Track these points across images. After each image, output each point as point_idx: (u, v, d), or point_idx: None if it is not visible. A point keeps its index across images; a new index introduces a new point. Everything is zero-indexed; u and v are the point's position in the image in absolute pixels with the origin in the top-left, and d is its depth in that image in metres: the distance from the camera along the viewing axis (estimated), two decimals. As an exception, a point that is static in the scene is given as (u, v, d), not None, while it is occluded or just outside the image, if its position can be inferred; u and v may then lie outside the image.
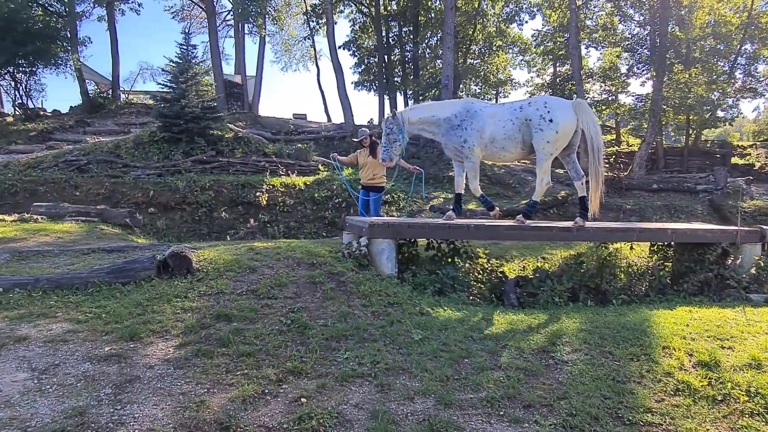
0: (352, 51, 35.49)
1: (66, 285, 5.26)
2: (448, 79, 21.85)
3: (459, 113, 7.09)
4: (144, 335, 4.33)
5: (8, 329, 4.35)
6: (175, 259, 5.58)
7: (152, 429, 3.07)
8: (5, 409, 3.20)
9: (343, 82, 26.62)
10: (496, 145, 7.02)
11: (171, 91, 17.64)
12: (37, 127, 23.18)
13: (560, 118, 6.70)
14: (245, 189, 14.71)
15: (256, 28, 30.39)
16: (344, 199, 14.85)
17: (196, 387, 3.61)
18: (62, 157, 15.96)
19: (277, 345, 4.28)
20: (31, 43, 23.71)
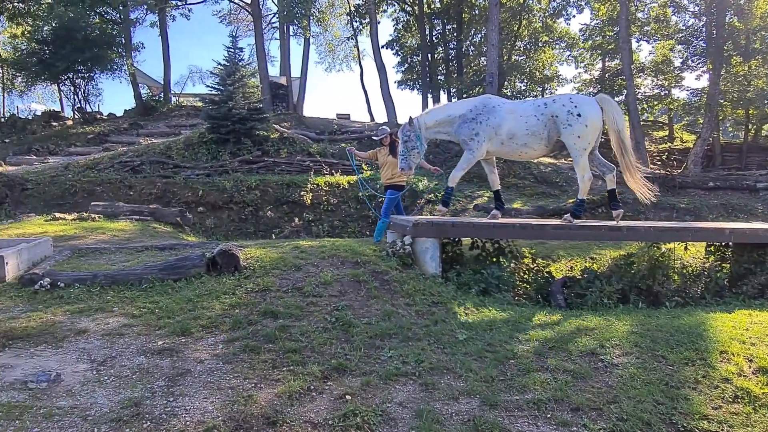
0: (395, 50, 35.48)
1: (122, 281, 5.47)
2: (493, 76, 21.56)
3: (475, 107, 7.06)
4: (194, 330, 4.46)
5: (69, 322, 4.56)
6: (223, 257, 5.73)
7: (203, 422, 3.16)
8: (67, 398, 3.36)
9: (386, 81, 26.68)
10: (516, 141, 6.92)
11: (219, 93, 18.09)
12: (94, 130, 24.24)
13: (588, 113, 6.70)
14: (290, 188, 14.94)
15: (301, 29, 30.78)
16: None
17: (243, 382, 3.69)
18: (117, 159, 16.63)
19: (322, 342, 4.33)
20: (89, 50, 24.76)
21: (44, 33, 26.11)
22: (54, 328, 4.45)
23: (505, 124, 6.87)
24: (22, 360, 3.88)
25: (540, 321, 5.15)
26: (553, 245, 8.99)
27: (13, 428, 2.96)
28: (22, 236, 7.93)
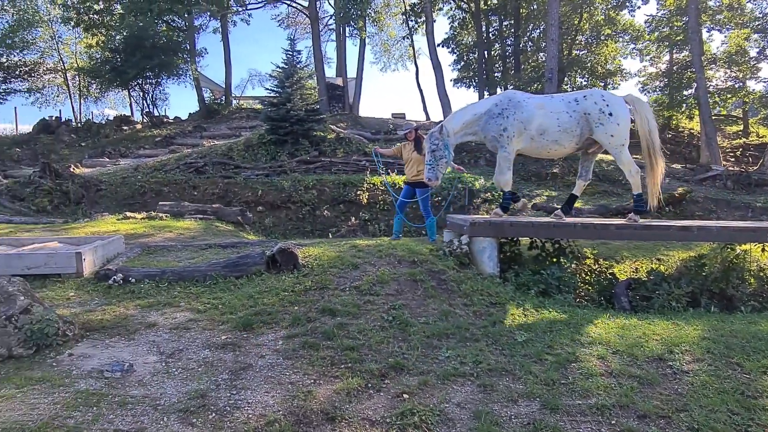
0: (451, 48, 35.26)
1: (187, 277, 5.70)
2: (552, 72, 21.03)
3: (500, 102, 6.88)
4: (255, 326, 4.59)
5: (140, 316, 4.80)
6: (282, 255, 5.86)
7: (264, 415, 3.25)
8: (139, 388, 3.53)
9: (442, 79, 26.53)
10: (547, 137, 6.74)
11: (277, 95, 18.54)
12: (161, 133, 25.40)
13: (619, 112, 6.62)
14: (346, 188, 15.11)
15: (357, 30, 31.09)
16: (444, 197, 14.79)
17: (303, 377, 3.76)
18: (182, 160, 17.35)
19: (379, 341, 4.36)
20: (156, 56, 25.97)
21: (116, 42, 27.58)
22: (126, 321, 4.69)
23: (535, 119, 6.70)
24: (98, 350, 4.12)
25: (603, 324, 4.98)
26: (616, 245, 8.67)
27: (91, 414, 3.15)
28: (96, 234, 8.40)
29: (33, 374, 3.67)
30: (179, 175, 16.15)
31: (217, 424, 3.13)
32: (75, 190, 14.18)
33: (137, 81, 27.93)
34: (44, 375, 3.65)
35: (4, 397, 3.33)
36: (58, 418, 3.08)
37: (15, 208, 12.93)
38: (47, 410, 3.17)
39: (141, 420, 3.13)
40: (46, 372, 3.72)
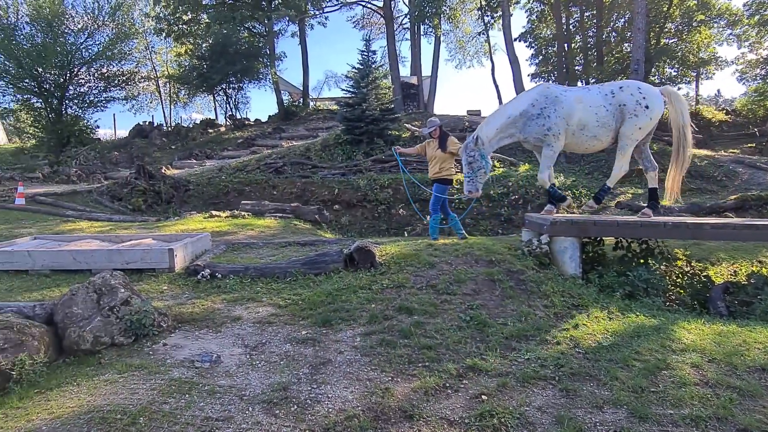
0: (529, 42, 34.31)
1: (269, 274, 5.92)
2: (639, 63, 19.95)
3: (537, 101, 6.64)
4: (334, 322, 4.68)
5: (226, 310, 5.04)
6: (360, 253, 5.95)
7: (344, 410, 3.30)
8: (226, 378, 3.71)
9: (519, 74, 25.90)
10: (586, 132, 6.58)
11: (353, 96, 18.85)
12: (243, 135, 26.55)
13: (655, 105, 6.43)
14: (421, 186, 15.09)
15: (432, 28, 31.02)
16: (521, 195, 14.45)
17: (381, 374, 3.79)
18: (263, 161, 18.04)
19: (456, 340, 4.32)
20: (239, 62, 27.19)
21: (203, 50, 29.16)
22: (214, 314, 4.93)
23: (576, 113, 6.52)
24: (189, 341, 4.36)
25: (697, 330, 4.66)
26: (711, 246, 8.09)
27: (184, 401, 3.34)
28: (185, 231, 8.90)
29: (132, 361, 3.95)
30: (260, 175, 16.80)
31: (298, 416, 3.23)
32: (166, 190, 15.10)
33: (221, 86, 29.35)
34: (142, 362, 3.92)
35: (108, 382, 3.60)
36: (155, 404, 3.29)
37: (114, 208, 13.96)
38: (145, 396, 3.39)
39: (228, 409, 3.29)
40: (143, 360, 3.98)
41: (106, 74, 26.49)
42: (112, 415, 3.14)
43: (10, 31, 22.79)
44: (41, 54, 22.49)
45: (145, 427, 3.04)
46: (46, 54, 22.54)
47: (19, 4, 23.61)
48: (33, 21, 23.49)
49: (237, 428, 3.08)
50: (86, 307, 4.18)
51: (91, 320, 4.11)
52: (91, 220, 11.54)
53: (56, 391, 3.50)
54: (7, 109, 26.06)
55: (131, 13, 27.58)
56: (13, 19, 23.47)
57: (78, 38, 24.51)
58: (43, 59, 22.69)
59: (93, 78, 26.14)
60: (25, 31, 23.53)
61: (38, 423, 3.09)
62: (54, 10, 23.53)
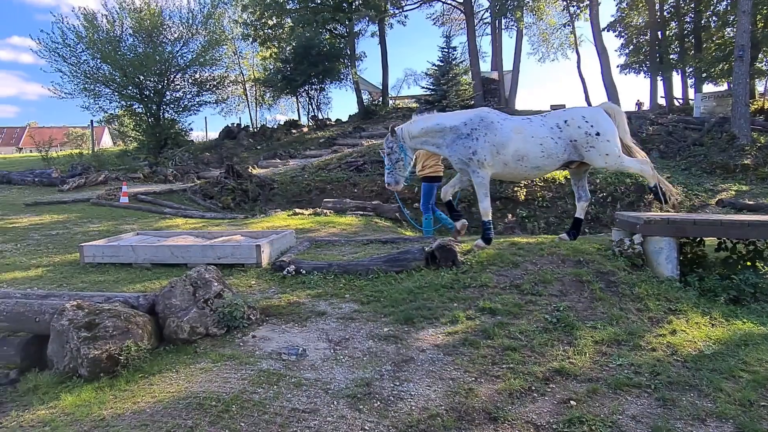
0: (618, 31, 32.63)
1: (351, 270, 6.01)
2: (743, 49, 18.38)
3: (471, 121, 6.38)
4: (416, 320, 4.68)
5: (310, 305, 5.17)
6: (441, 252, 5.91)
7: (427, 408, 3.29)
8: (311, 371, 3.81)
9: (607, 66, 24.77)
10: (526, 163, 6.31)
11: (433, 93, 18.80)
12: (324, 135, 27.23)
13: (606, 128, 6.23)
14: (503, 184, 14.76)
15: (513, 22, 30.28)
16: (609, 193, 13.78)
17: (464, 374, 3.75)
18: (344, 159, 18.39)
19: (542, 343, 4.18)
20: (321, 63, 27.92)
21: (286, 53, 30.17)
22: (299, 309, 5.08)
23: (511, 144, 6.25)
24: (276, 334, 4.52)
25: (816, 340, 4.23)
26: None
27: (272, 392, 3.46)
28: (271, 228, 9.24)
29: (224, 351, 4.15)
30: (341, 173, 17.13)
31: (382, 412, 3.25)
32: (252, 189, 15.77)
33: (304, 87, 30.24)
34: (233, 353, 4.11)
35: (203, 370, 3.81)
36: (245, 393, 3.44)
37: (206, 205, 14.76)
38: (237, 385, 3.55)
39: (314, 401, 3.37)
40: (234, 350, 4.18)
41: (199, 79, 28.08)
42: (208, 401, 3.32)
43: (116, 43, 24.71)
44: (143, 63, 24.23)
45: (237, 415, 3.18)
46: (146, 63, 24.25)
47: (123, 18, 25.53)
48: (135, 33, 25.34)
49: (322, 421, 3.16)
50: (183, 299, 4.44)
51: (188, 311, 4.36)
52: (186, 217, 12.27)
53: (158, 377, 3.75)
54: (113, 115, 28.29)
55: (221, 20, 29.03)
56: (119, 32, 25.41)
57: (174, 47, 26.16)
58: (144, 68, 24.43)
59: (187, 84, 27.82)
60: (128, 43, 25.43)
61: (143, 405, 3.32)
62: (154, 22, 25.25)
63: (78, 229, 10.43)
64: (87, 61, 25.06)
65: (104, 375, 3.72)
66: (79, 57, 24.94)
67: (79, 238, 9.14)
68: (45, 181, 17.39)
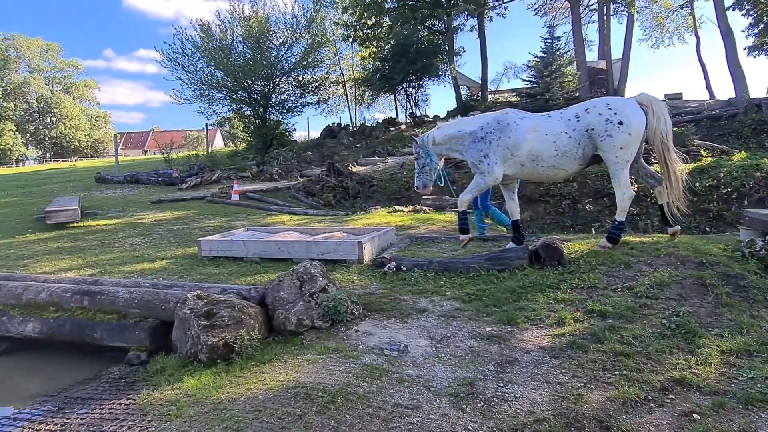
0: (746, 10, 29.53)
1: (452, 268, 5.96)
2: None
3: (487, 125, 6.29)
4: (519, 321, 4.55)
5: (411, 302, 5.20)
6: (546, 250, 5.69)
7: (532, 412, 3.18)
8: (413, 368, 3.82)
9: (733, 48, 22.58)
10: (541, 163, 6.03)
11: (534, 86, 18.18)
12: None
13: (631, 118, 5.70)
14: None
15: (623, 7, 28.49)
16: (735, 188, 12.57)
17: (572, 379, 3.58)
18: (443, 156, 18.27)
19: (659, 350, 3.89)
20: (419, 60, 27.96)
21: (385, 52, 30.55)
22: (400, 305, 5.13)
23: (525, 144, 6.03)
24: (378, 329, 4.59)
25: None
26: None
27: (375, 386, 3.52)
28: (371, 225, 9.41)
29: (329, 344, 4.29)
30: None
31: (485, 413, 3.19)
32: (353, 187, 16.15)
33: (402, 85, 30.45)
34: (337, 346, 4.23)
35: (310, 361, 3.96)
36: (350, 386, 3.52)
37: (308, 203, 15.34)
38: (342, 377, 3.65)
39: (416, 398, 3.38)
40: (338, 344, 4.30)
41: (302, 82, 29.29)
42: (315, 392, 3.44)
43: (227, 50, 26.43)
44: (251, 68, 25.70)
45: (343, 407, 3.27)
46: (254, 68, 25.70)
47: (234, 27, 27.21)
48: (245, 40, 26.93)
49: (425, 418, 3.15)
50: (291, 293, 4.63)
51: (294, 304, 4.55)
52: (290, 214, 12.82)
53: (268, 365, 3.95)
54: (224, 118, 30.28)
55: (323, 23, 30.02)
56: (230, 40, 27.14)
57: (279, 51, 27.47)
58: (252, 72, 25.90)
59: (291, 86, 29.13)
60: (238, 50, 27.09)
61: (255, 392, 3.51)
62: (261, 29, 26.68)
63: (195, 224, 11.27)
64: (202, 69, 27.11)
65: (221, 361, 3.98)
66: (196, 65, 27.03)
67: (196, 233, 9.88)
68: (167, 180, 18.97)
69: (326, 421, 3.13)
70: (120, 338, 4.67)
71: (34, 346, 5.29)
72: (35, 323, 5.04)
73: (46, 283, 5.55)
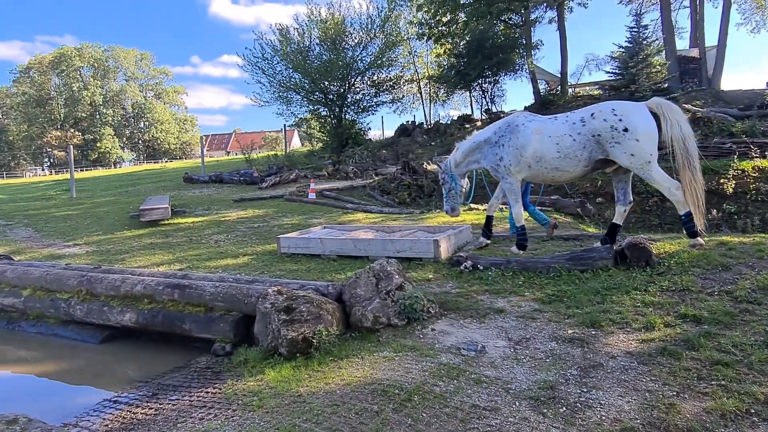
0: None
1: (531, 268, 5.79)
2: None
3: (500, 129, 6.56)
4: (604, 324, 4.34)
5: (488, 302, 5.10)
6: (633, 250, 5.40)
7: (619, 420, 3.02)
8: (491, 369, 3.74)
9: None
10: (544, 164, 6.18)
11: (619, 77, 17.30)
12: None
13: (638, 125, 5.66)
14: (705, 176, 13.02)
15: (719, -10, 26.50)
16: None
17: (662, 387, 3.36)
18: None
19: (763, 359, 3.57)
20: (495, 55, 27.39)
21: (460, 48, 30.20)
22: (477, 305, 5.04)
23: (530, 146, 6.21)
24: (454, 329, 4.54)
25: None
26: None
27: (452, 386, 3.48)
28: (447, 224, 9.32)
29: (405, 342, 4.28)
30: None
31: (568, 419, 3.06)
32: (428, 185, 16.09)
33: (478, 81, 29.98)
34: (414, 344, 4.22)
35: (386, 358, 3.98)
36: (426, 384, 3.50)
37: (384, 201, 15.45)
38: (418, 376, 3.64)
39: (495, 400, 3.30)
40: (415, 342, 4.28)
41: (377, 81, 29.54)
42: (391, 389, 3.44)
43: (305, 53, 27.14)
44: (327, 69, 26.25)
45: (419, 405, 3.25)
46: (331, 69, 26.22)
47: (312, 29, 27.90)
48: (321, 42, 27.54)
49: (504, 421, 3.07)
50: (367, 290, 4.68)
51: (371, 301, 4.59)
52: (366, 212, 12.97)
53: (345, 361, 4.01)
54: (302, 119, 31.13)
55: (398, 22, 30.12)
56: (307, 43, 27.86)
57: (355, 52, 27.86)
58: (329, 74, 26.43)
59: (366, 86, 29.45)
60: (315, 52, 27.74)
61: (333, 387, 3.57)
62: (337, 30, 27.18)
63: (274, 222, 11.66)
64: (281, 72, 27.97)
65: (300, 355, 4.08)
66: (275, 68, 27.96)
67: (275, 231, 10.22)
68: (248, 179, 19.77)
69: (403, 418, 3.12)
70: (206, 330, 4.90)
71: (130, 335, 5.67)
72: (131, 313, 5.40)
73: (141, 276, 5.93)
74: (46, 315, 6.16)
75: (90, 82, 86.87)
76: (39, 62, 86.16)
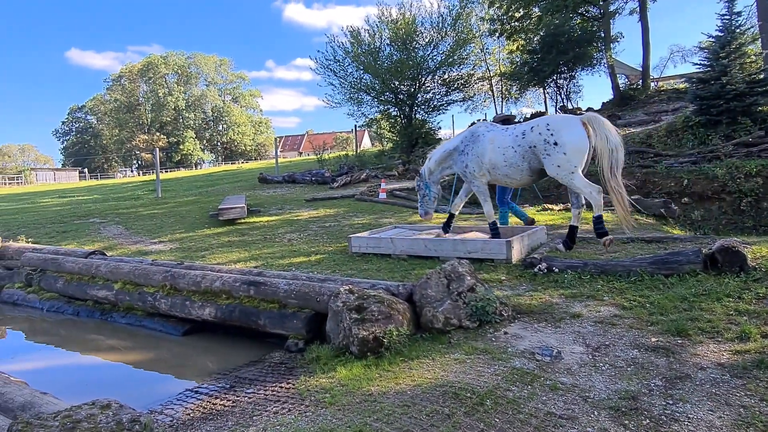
0: None
1: (610, 271, 5.53)
2: None
3: (465, 138, 7.14)
4: (691, 332, 4.06)
5: (564, 305, 4.91)
6: (724, 254, 5.03)
7: (709, 437, 2.82)
8: (567, 376, 3.60)
9: None
10: (497, 171, 6.89)
11: (708, 69, 16.14)
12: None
13: (566, 140, 6.24)
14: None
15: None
16: None
17: (759, 403, 3.10)
18: (597, 151, 17.10)
19: None
20: (571, 50, 26.44)
21: (534, 43, 29.42)
22: (551, 308, 4.87)
23: (487, 153, 6.85)
24: (528, 333, 4.41)
25: None
26: None
27: (526, 392, 3.37)
28: (517, 224, 9.09)
29: (477, 345, 4.21)
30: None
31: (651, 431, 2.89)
32: (500, 184, 15.76)
33: (552, 77, 29.08)
34: (486, 347, 4.13)
35: (457, 361, 3.92)
36: (499, 389, 3.41)
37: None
38: (490, 380, 3.55)
39: (572, 408, 3.17)
40: (486, 345, 4.20)
41: (447, 80, 29.29)
42: (463, 392, 3.39)
43: (375, 54, 27.37)
44: (398, 70, 26.32)
45: (492, 410, 3.17)
46: (401, 69, 26.28)
47: (382, 30, 28.09)
48: (392, 42, 27.66)
49: (581, 431, 2.94)
50: (438, 291, 4.63)
51: (442, 302, 4.54)
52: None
53: (416, 362, 3.99)
54: (372, 119, 31.43)
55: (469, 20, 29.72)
56: (378, 44, 28.06)
57: (425, 51, 27.77)
58: (399, 74, 26.51)
59: (436, 84, 29.27)
60: (386, 52, 27.90)
61: (404, 387, 3.56)
62: (408, 30, 27.20)
63: (345, 222, 11.83)
64: (352, 73, 28.36)
65: (370, 354, 4.10)
66: (346, 70, 28.38)
67: (346, 230, 10.37)
68: (319, 179, 20.21)
69: (475, 423, 3.06)
70: (280, 326, 5.04)
71: (209, 329, 5.94)
72: (211, 308, 5.65)
73: (220, 273, 6.19)
74: (134, 307, 6.58)
75: (174, 87, 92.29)
76: (129, 71, 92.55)
